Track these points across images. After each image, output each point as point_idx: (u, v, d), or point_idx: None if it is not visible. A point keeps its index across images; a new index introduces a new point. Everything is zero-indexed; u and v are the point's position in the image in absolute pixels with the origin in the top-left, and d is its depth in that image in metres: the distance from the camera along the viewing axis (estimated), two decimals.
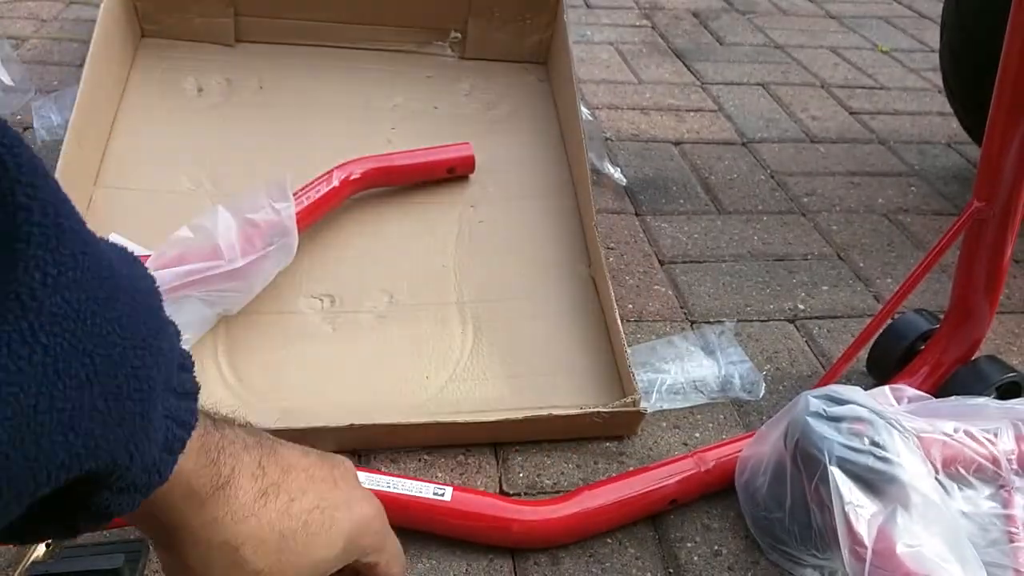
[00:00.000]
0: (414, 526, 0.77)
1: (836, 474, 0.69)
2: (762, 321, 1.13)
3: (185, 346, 0.38)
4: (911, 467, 0.70)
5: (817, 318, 1.15)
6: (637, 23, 2.14)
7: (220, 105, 1.27)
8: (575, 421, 0.88)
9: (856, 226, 1.38)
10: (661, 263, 1.23)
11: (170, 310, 0.36)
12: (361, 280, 1.05)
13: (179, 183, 1.13)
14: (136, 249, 1.01)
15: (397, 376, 0.93)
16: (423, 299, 1.03)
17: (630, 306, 1.13)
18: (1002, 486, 0.76)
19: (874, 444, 0.70)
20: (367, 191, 1.15)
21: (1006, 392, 0.93)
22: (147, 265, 0.88)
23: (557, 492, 0.84)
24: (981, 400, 0.81)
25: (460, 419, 0.87)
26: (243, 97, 1.29)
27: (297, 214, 0.98)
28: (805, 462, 0.72)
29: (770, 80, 1.89)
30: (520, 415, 0.87)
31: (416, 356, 0.96)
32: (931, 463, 0.73)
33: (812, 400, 0.75)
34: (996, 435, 0.77)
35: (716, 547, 0.81)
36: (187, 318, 0.88)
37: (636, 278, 1.19)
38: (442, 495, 0.76)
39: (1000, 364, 0.94)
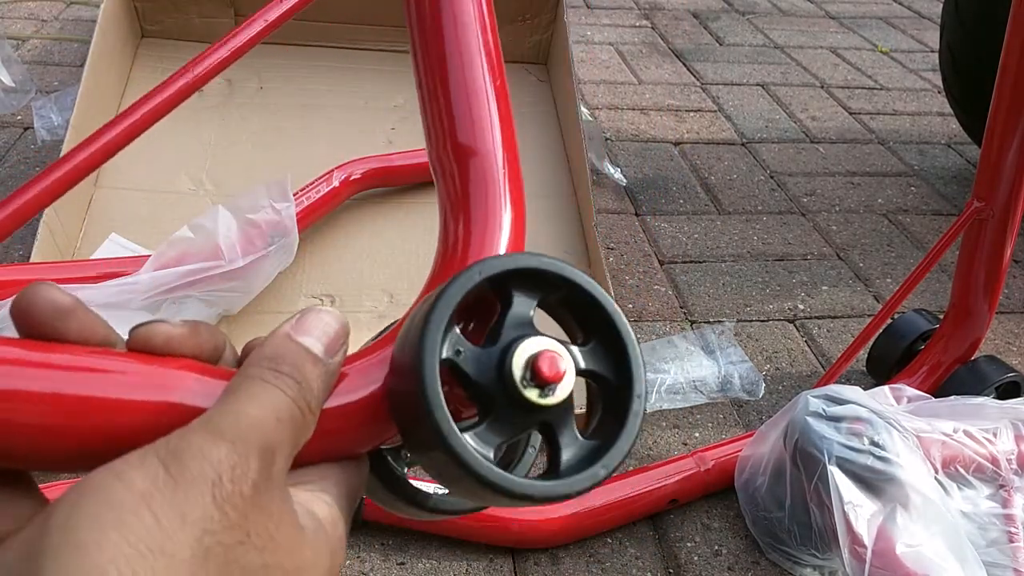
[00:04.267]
0: (414, 526, 0.77)
1: (835, 474, 0.69)
2: (762, 321, 1.13)
3: None
4: (910, 467, 0.70)
5: (817, 318, 1.15)
6: (637, 23, 2.14)
7: (220, 105, 1.27)
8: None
9: (856, 226, 1.38)
10: (661, 263, 1.23)
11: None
12: (361, 280, 1.05)
13: (179, 183, 1.14)
14: (136, 249, 1.01)
15: None
16: None
17: (630, 306, 1.13)
18: (1002, 486, 0.76)
19: (873, 444, 0.70)
20: (367, 191, 1.15)
21: (1005, 392, 0.93)
22: (147, 265, 0.88)
23: None
24: (980, 400, 0.81)
25: None
26: (243, 97, 1.29)
27: (297, 214, 0.98)
28: (805, 462, 0.72)
29: (770, 80, 1.89)
30: None
31: None
32: (931, 463, 0.73)
33: (812, 400, 0.75)
34: (995, 435, 0.77)
35: (716, 547, 0.81)
36: (187, 318, 0.88)
37: (636, 278, 1.19)
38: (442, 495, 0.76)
39: (1000, 364, 0.94)
